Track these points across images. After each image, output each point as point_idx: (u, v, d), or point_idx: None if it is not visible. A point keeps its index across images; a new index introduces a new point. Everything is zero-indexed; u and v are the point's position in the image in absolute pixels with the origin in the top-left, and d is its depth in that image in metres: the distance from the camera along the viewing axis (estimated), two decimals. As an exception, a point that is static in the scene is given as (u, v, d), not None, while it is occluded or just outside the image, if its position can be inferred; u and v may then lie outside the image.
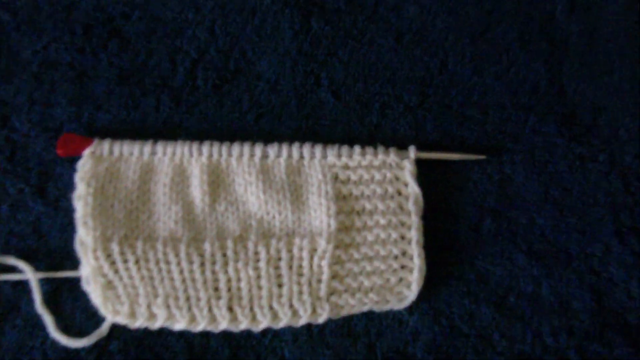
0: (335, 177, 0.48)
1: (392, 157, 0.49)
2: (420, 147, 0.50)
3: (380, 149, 0.49)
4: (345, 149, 0.49)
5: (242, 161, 0.48)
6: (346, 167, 0.48)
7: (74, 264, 0.48)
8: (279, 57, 0.53)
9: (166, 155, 0.48)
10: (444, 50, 0.53)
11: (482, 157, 0.50)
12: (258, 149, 0.48)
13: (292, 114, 0.52)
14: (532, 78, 0.53)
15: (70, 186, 0.49)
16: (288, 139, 0.50)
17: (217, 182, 0.48)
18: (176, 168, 0.48)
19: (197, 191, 0.48)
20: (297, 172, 0.48)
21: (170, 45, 0.53)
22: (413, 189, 0.48)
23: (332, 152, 0.48)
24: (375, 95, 0.52)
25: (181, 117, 0.52)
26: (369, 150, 0.49)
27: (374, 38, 0.53)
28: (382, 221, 0.48)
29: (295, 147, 0.48)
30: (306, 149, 0.48)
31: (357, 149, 0.48)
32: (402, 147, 0.50)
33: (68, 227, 0.49)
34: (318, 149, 0.48)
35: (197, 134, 0.51)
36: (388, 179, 0.49)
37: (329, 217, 0.47)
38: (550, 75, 0.53)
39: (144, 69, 0.52)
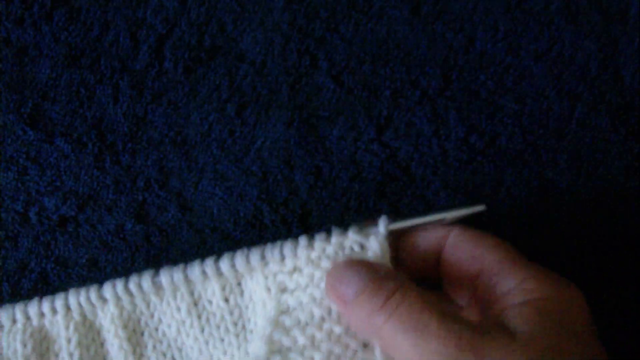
0: (284, 289, 0.39)
1: (352, 236, 0.39)
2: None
3: (336, 230, 0.39)
4: (288, 245, 0.39)
5: (164, 295, 0.41)
6: (294, 269, 0.40)
7: None
8: (267, 33, 0.50)
9: (59, 314, 0.40)
10: (471, 24, 0.50)
11: (481, 208, 0.40)
12: (177, 274, 0.40)
13: (282, 103, 0.49)
14: (581, 59, 0.50)
15: None
16: (277, 134, 0.47)
17: (138, 330, 0.41)
18: (80, 327, 0.41)
19: (114, 351, 0.41)
20: (238, 292, 0.41)
21: (131, 16, 0.50)
22: None
23: (272, 256, 0.39)
24: (385, 80, 0.50)
25: (145, 109, 0.49)
26: (319, 235, 0.39)
27: (385, 9, 0.50)
28: (337, 329, 0.38)
29: (224, 261, 0.40)
30: (240, 259, 0.39)
31: (302, 240, 0.39)
32: (417, 139, 0.47)
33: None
34: (254, 256, 0.40)
35: (166, 128, 0.47)
36: None
37: (261, 339, 0.39)
38: (603, 55, 0.50)
39: (98, 47, 0.49)
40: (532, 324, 0.32)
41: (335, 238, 0.39)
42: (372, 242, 0.39)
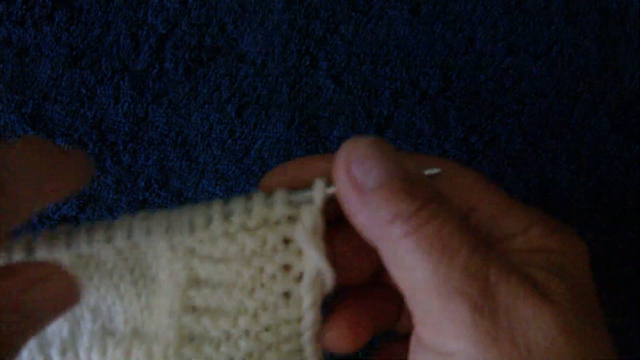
0: (192, 251, 0.33)
1: (280, 209, 0.31)
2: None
3: (259, 196, 0.32)
4: (200, 216, 0.32)
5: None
6: (206, 239, 0.33)
7: None
8: (267, 33, 0.49)
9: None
10: (470, 24, 0.50)
11: (437, 170, 0.32)
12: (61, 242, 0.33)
13: (282, 103, 0.48)
14: (580, 59, 0.50)
15: None
16: (277, 134, 0.46)
17: None
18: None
19: None
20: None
21: (132, 17, 0.49)
22: (312, 258, 0.31)
23: (179, 228, 0.32)
24: (385, 81, 0.49)
25: (145, 109, 0.48)
26: (239, 201, 0.32)
27: (384, 9, 0.50)
28: (256, 327, 0.32)
29: (120, 230, 0.32)
30: (138, 229, 0.32)
31: (217, 211, 0.32)
32: (419, 141, 0.46)
33: None
34: (157, 228, 0.32)
35: (167, 128, 0.46)
36: (270, 248, 0.32)
37: (170, 316, 0.33)
38: (603, 55, 0.50)
39: (99, 48, 0.49)
40: (546, 279, 0.27)
41: (258, 208, 0.31)
42: (305, 214, 0.31)
